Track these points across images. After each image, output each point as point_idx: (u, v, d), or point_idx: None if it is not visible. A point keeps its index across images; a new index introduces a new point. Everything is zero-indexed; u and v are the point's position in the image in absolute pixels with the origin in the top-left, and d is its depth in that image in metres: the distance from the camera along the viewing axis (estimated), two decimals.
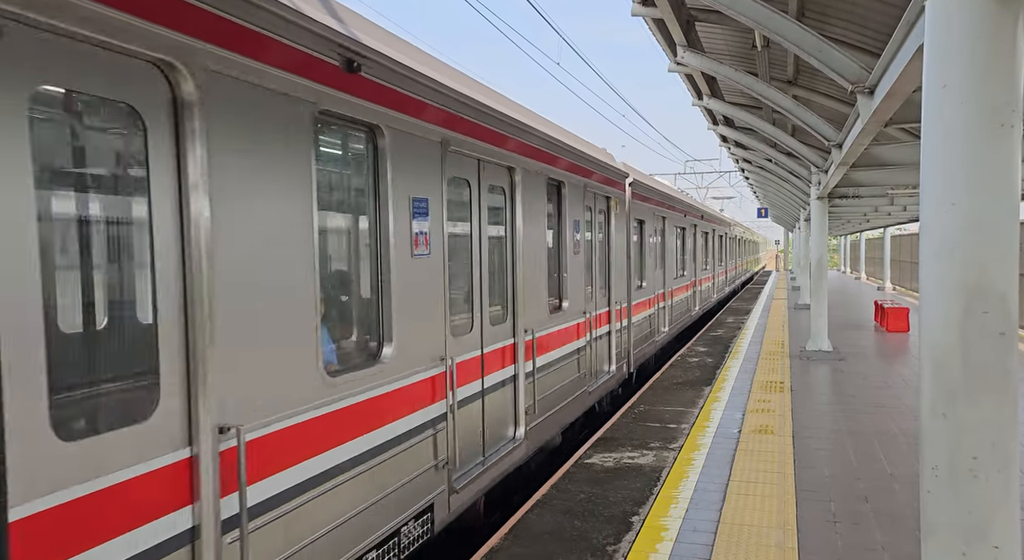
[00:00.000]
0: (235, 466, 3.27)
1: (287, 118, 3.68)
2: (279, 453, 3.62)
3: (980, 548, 2.98)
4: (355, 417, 4.24)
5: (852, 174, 12.90)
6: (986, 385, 2.97)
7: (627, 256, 11.23)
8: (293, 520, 3.71)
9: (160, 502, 2.94)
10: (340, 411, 4.09)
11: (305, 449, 3.80)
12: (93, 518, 2.65)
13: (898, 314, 17.88)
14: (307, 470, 3.81)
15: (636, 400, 10.32)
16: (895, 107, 6.80)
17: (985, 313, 2.95)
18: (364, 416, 4.33)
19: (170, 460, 2.98)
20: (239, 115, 3.36)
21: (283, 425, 3.64)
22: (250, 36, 3.41)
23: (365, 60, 4.27)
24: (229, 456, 3.25)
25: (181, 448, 3.03)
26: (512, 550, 5.30)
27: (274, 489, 3.58)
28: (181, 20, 3.02)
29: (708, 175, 49.91)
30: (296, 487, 3.73)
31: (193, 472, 3.09)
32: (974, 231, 2.98)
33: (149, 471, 2.88)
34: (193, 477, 3.09)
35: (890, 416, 9.17)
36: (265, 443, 3.51)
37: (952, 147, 3.05)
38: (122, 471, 2.76)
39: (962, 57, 3.00)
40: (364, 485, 4.32)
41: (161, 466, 2.94)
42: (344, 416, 4.12)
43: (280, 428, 3.61)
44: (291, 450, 3.70)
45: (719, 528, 5.59)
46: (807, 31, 6.84)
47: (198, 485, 3.10)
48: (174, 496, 3.01)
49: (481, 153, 5.99)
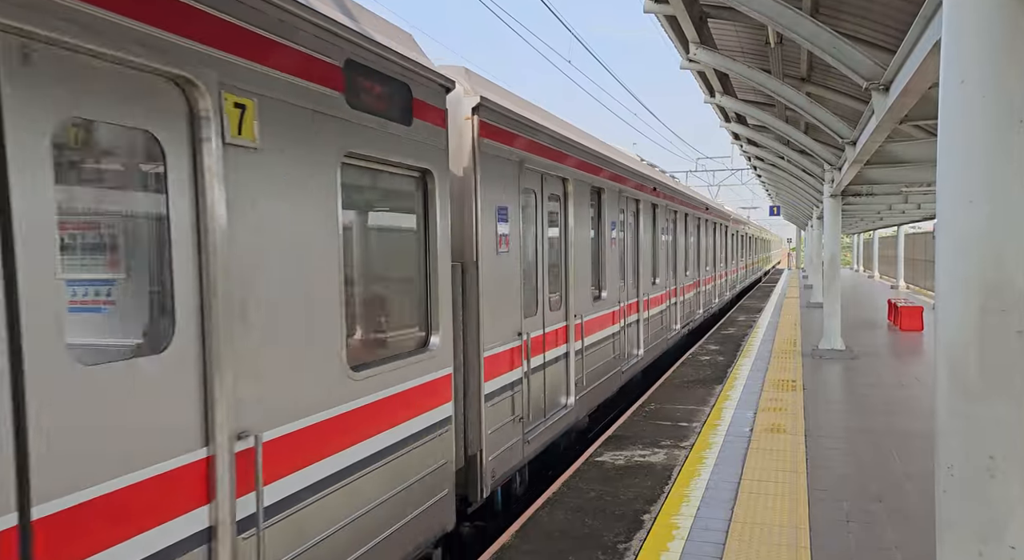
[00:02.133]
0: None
1: None
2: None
3: (997, 548, 2.94)
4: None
5: (866, 172, 12.81)
6: (1003, 383, 2.94)
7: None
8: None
9: None
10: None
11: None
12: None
13: (912, 313, 17.75)
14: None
15: (647, 398, 10.29)
16: (910, 104, 6.75)
17: (1003, 311, 2.91)
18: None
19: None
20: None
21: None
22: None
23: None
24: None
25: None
26: (523, 548, 5.30)
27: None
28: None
29: (720, 173, 49.59)
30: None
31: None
32: (991, 228, 2.95)
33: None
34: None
35: (904, 415, 9.10)
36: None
37: (970, 144, 3.02)
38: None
39: (980, 53, 2.96)
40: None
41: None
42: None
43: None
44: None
45: (731, 527, 5.58)
46: (821, 27, 6.79)
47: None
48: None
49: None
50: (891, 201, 18.43)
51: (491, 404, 5.94)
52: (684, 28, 9.07)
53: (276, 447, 3.44)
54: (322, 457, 3.77)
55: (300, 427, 3.61)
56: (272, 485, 3.42)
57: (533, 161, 6.80)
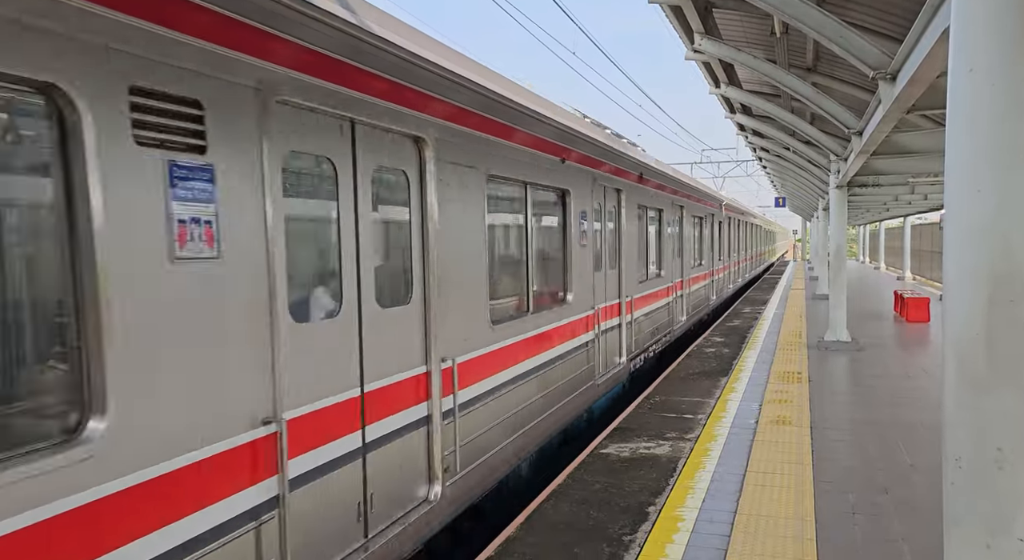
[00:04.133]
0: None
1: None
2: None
3: (1005, 540, 2.92)
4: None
5: (872, 162, 12.72)
6: (1012, 375, 2.91)
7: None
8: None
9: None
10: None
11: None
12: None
13: (918, 304, 17.67)
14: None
15: (652, 390, 10.28)
16: (918, 93, 6.68)
17: (1011, 302, 2.88)
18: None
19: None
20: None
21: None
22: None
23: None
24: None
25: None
26: (528, 540, 5.30)
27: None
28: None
29: (725, 164, 49.36)
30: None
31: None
32: (1000, 218, 2.91)
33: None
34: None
35: (910, 407, 9.07)
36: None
37: (978, 133, 2.98)
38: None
39: (989, 41, 2.92)
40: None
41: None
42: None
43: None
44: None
45: (736, 519, 5.57)
46: (828, 16, 6.73)
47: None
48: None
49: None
50: (898, 192, 18.31)
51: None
52: (689, 18, 9.00)
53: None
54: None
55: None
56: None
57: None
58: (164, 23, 3.02)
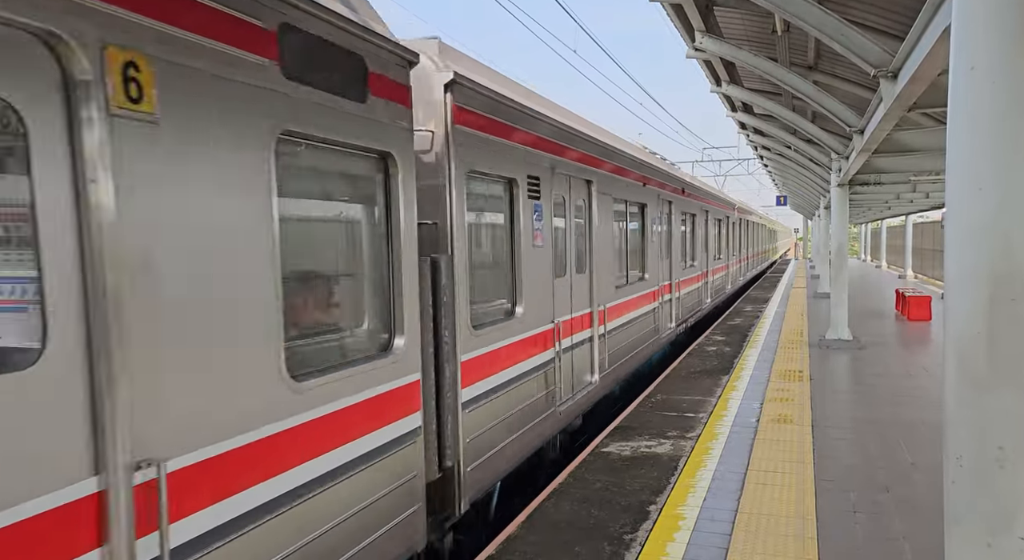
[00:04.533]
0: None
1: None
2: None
3: (1006, 539, 2.92)
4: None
5: (874, 161, 12.70)
6: (1013, 373, 2.91)
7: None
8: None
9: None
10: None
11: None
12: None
13: (920, 303, 17.65)
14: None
15: (653, 389, 10.28)
16: (919, 91, 6.67)
17: (1012, 300, 2.88)
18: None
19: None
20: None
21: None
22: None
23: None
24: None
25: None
26: (528, 538, 5.30)
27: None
28: None
29: (726, 163, 49.50)
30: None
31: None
32: (1001, 216, 2.91)
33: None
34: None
35: (911, 405, 9.07)
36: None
37: (979, 131, 2.97)
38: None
39: (991, 39, 2.92)
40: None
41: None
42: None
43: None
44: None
45: (737, 517, 5.57)
46: (829, 14, 6.72)
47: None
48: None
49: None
50: (899, 190, 18.28)
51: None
52: (690, 16, 8.99)
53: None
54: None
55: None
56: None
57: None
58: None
